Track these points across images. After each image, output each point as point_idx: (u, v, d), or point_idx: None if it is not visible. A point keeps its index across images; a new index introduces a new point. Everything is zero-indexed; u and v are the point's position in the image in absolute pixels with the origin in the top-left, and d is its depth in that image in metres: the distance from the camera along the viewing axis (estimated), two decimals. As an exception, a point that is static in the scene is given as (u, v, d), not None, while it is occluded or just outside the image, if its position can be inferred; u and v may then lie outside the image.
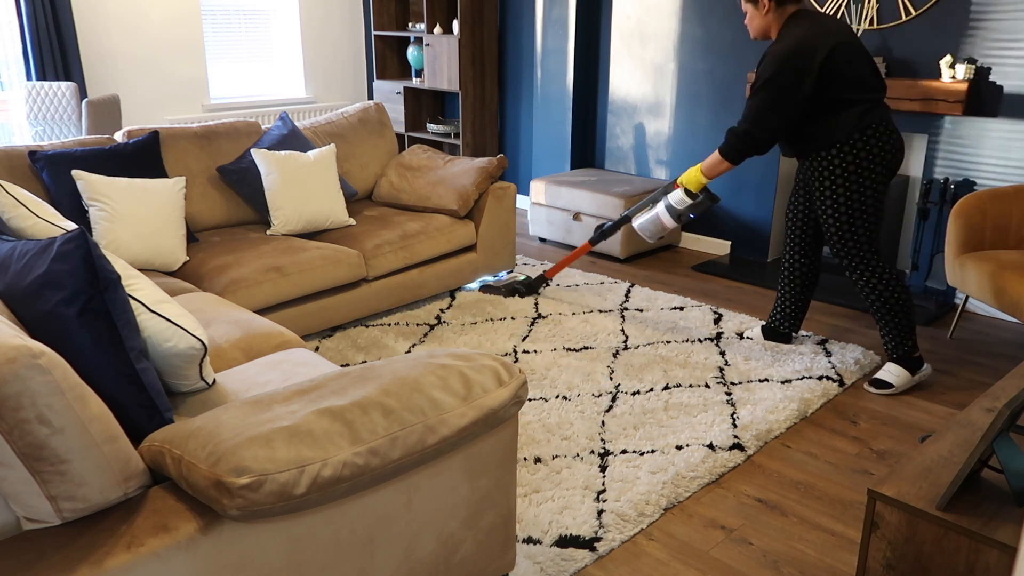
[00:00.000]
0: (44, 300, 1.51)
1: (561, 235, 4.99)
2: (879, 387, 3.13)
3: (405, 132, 6.30)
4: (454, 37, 5.67)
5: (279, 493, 1.35)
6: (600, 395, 3.06)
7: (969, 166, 3.88)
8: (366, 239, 3.68)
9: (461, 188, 4.03)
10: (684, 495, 2.46)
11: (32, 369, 1.23)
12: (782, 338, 3.53)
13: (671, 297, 4.09)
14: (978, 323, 3.86)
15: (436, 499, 1.70)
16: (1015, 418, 1.60)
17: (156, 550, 1.33)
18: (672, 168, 5.06)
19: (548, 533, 2.26)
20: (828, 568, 2.16)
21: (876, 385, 3.14)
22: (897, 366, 3.14)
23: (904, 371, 3.13)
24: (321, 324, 3.53)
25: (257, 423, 1.45)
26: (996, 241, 3.48)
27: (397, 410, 1.55)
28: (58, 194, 3.15)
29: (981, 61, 3.75)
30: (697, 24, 4.72)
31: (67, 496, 1.30)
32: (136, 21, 5.60)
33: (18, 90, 5.24)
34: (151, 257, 3.21)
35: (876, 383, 3.15)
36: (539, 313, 3.88)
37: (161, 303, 1.81)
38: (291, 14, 6.44)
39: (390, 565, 1.66)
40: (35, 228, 1.96)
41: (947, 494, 1.59)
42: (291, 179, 3.68)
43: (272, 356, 2.28)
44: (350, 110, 4.43)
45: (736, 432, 2.80)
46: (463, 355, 1.78)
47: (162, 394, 1.65)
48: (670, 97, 4.96)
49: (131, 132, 3.56)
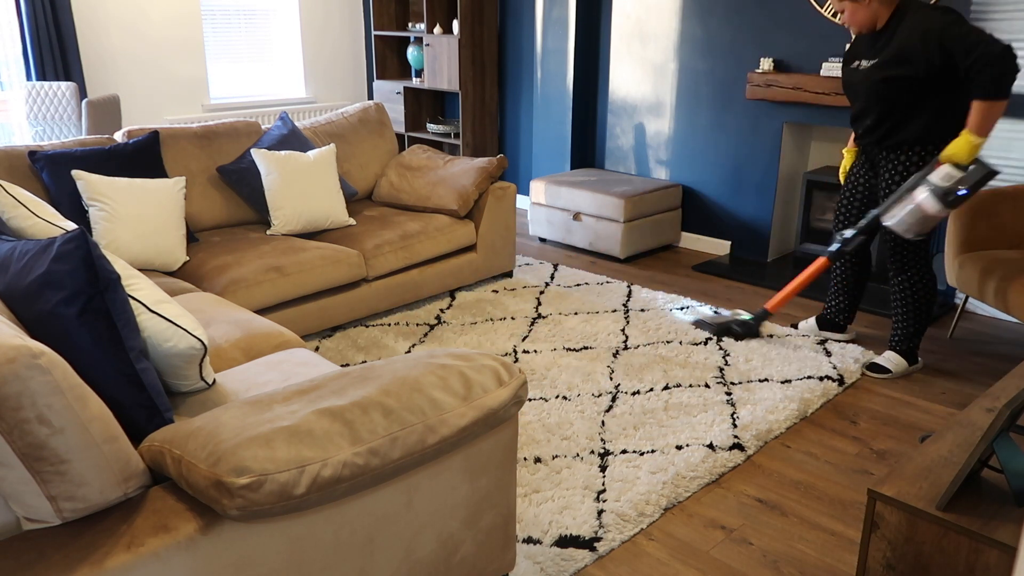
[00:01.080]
0: (44, 300, 1.51)
1: (561, 235, 4.99)
2: (876, 371, 3.22)
3: (405, 132, 6.30)
4: (454, 37, 5.67)
5: (279, 493, 1.35)
6: (600, 395, 3.06)
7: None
8: (366, 239, 3.69)
9: (461, 188, 4.03)
10: (684, 495, 2.46)
11: (32, 369, 1.23)
12: (838, 329, 3.61)
13: (671, 297, 4.09)
14: (978, 323, 3.86)
15: (436, 499, 1.70)
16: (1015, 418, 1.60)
17: (156, 550, 1.33)
18: (672, 168, 5.05)
19: (548, 533, 2.26)
20: (828, 568, 2.16)
21: (873, 369, 3.25)
22: (897, 355, 3.25)
23: (903, 360, 3.25)
24: (321, 324, 3.53)
25: (257, 423, 1.45)
26: (996, 241, 3.48)
27: (397, 410, 1.55)
28: (58, 194, 3.15)
29: (981, 61, 3.75)
30: (697, 24, 4.72)
31: (67, 496, 1.30)
32: (136, 21, 5.60)
33: (18, 90, 5.24)
34: (151, 257, 3.21)
35: (874, 367, 3.24)
36: (539, 313, 3.88)
37: (161, 303, 1.81)
38: (291, 14, 6.44)
39: (390, 565, 1.66)
40: (35, 228, 1.96)
41: (947, 494, 1.59)
42: (291, 179, 3.68)
43: (272, 356, 2.28)
44: (350, 110, 4.43)
45: (736, 432, 2.80)
46: (463, 355, 1.78)
47: (162, 394, 1.65)
48: (670, 97, 4.96)
49: (131, 132, 3.56)
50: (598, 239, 4.78)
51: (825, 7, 4.19)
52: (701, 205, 4.97)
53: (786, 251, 4.88)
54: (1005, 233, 3.48)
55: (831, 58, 4.08)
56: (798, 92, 4.22)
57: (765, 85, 4.34)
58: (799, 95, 4.23)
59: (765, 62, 4.38)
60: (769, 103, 4.52)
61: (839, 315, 3.57)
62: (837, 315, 3.57)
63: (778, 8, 4.37)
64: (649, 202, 4.75)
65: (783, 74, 4.28)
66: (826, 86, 4.11)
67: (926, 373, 3.32)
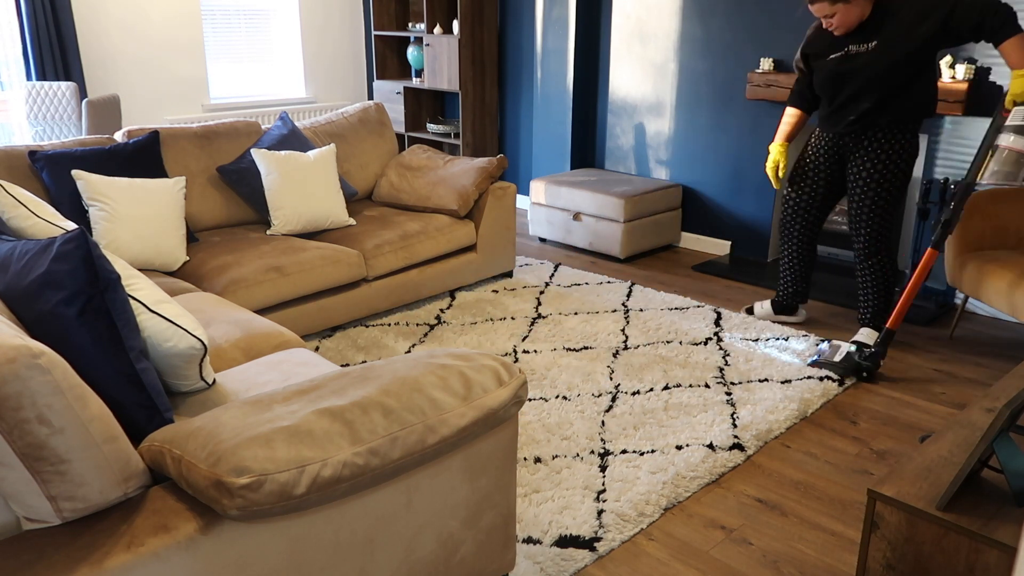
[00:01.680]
0: (44, 300, 1.51)
1: (561, 235, 4.99)
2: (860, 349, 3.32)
3: (405, 132, 6.30)
4: (454, 37, 5.67)
5: (279, 493, 1.35)
6: (600, 395, 3.06)
7: (969, 166, 3.88)
8: (366, 239, 3.69)
9: (461, 188, 4.03)
10: (684, 495, 2.46)
11: (32, 369, 1.23)
12: (791, 311, 3.81)
13: (671, 297, 4.09)
14: (978, 323, 3.86)
15: (436, 499, 1.70)
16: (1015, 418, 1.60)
17: (156, 550, 1.33)
18: (672, 168, 5.05)
19: (548, 533, 2.26)
20: (828, 568, 2.16)
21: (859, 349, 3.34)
22: (871, 330, 3.49)
23: (875, 332, 3.49)
24: (321, 324, 3.53)
25: (257, 423, 1.45)
26: (996, 241, 3.48)
27: (397, 410, 1.55)
28: (58, 194, 3.15)
29: (981, 61, 3.75)
30: (697, 24, 4.72)
31: (67, 496, 1.30)
32: (136, 21, 5.60)
33: (18, 90, 5.24)
34: (151, 257, 3.21)
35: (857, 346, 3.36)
36: (539, 313, 3.88)
37: (161, 303, 1.81)
38: (291, 14, 6.44)
39: (390, 565, 1.66)
40: (35, 228, 1.96)
41: (947, 494, 1.59)
42: (291, 179, 3.68)
43: (272, 356, 2.28)
44: (350, 110, 4.43)
45: (736, 432, 2.80)
46: (463, 355, 1.78)
47: (162, 394, 1.65)
48: (670, 97, 4.96)
49: (131, 132, 3.56)
50: (598, 239, 4.78)
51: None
52: (701, 205, 4.98)
53: (786, 251, 4.88)
54: (1005, 233, 3.48)
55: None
56: (798, 92, 4.22)
57: (765, 85, 4.34)
58: (799, 95, 4.23)
59: (765, 62, 4.38)
60: (769, 103, 4.52)
61: (792, 298, 3.76)
62: (790, 298, 3.76)
63: (778, 8, 4.37)
64: (649, 202, 4.75)
65: (783, 74, 4.28)
66: (826, 86, 4.11)
67: (926, 373, 3.32)
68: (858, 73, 3.15)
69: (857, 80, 3.17)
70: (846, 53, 3.18)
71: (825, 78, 3.27)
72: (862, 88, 3.17)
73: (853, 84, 3.19)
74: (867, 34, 3.12)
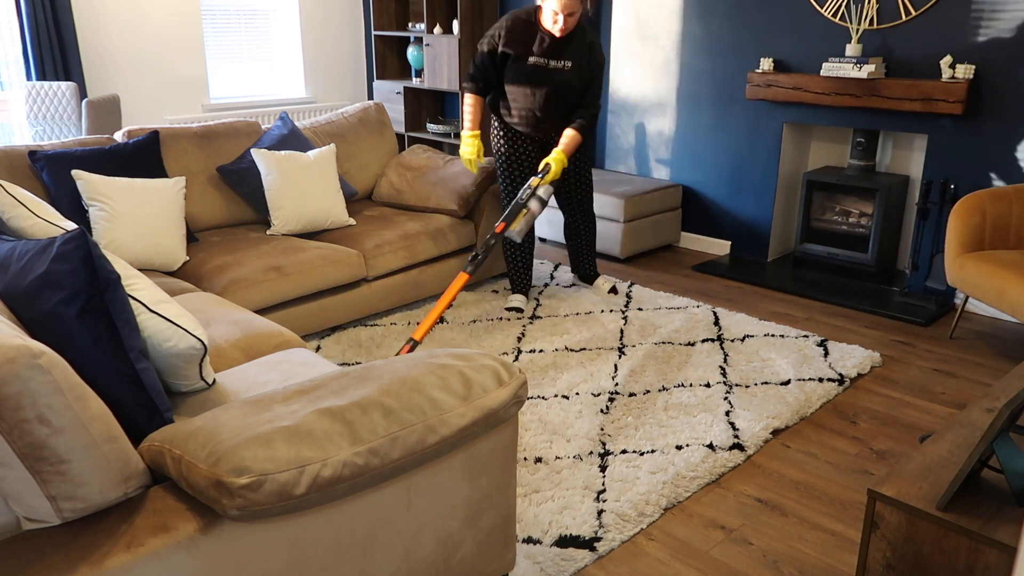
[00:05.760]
0: (44, 300, 1.51)
1: (561, 235, 4.99)
2: (614, 291, 4.07)
3: (405, 132, 6.30)
4: (454, 37, 5.67)
5: (279, 493, 1.35)
6: (600, 395, 3.06)
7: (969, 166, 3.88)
8: (366, 239, 3.68)
9: (461, 188, 4.03)
10: (684, 495, 2.46)
11: (32, 369, 1.23)
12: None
13: (671, 297, 4.10)
14: (978, 323, 3.86)
15: (436, 499, 1.70)
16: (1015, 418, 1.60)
17: (156, 550, 1.33)
18: (673, 168, 5.06)
19: (548, 533, 2.26)
20: (828, 568, 2.16)
21: (614, 291, 4.09)
22: (605, 277, 4.18)
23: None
24: (321, 324, 3.53)
25: (257, 423, 1.45)
26: (996, 241, 3.48)
27: (397, 410, 1.55)
28: (58, 194, 3.15)
29: (982, 62, 3.75)
30: (698, 24, 4.72)
31: (67, 496, 1.30)
32: (136, 21, 5.60)
33: (18, 90, 5.24)
34: (151, 257, 3.21)
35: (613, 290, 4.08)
36: (539, 313, 3.88)
37: (161, 303, 1.81)
38: (291, 14, 6.44)
39: (390, 565, 1.66)
40: (35, 228, 1.96)
41: (947, 494, 1.59)
42: (291, 179, 3.68)
43: (272, 356, 2.28)
44: (350, 110, 4.43)
45: (736, 432, 2.80)
46: (463, 355, 1.78)
47: (162, 394, 1.65)
48: (670, 97, 4.96)
49: (131, 132, 3.56)
50: (598, 239, 4.78)
51: (825, 7, 4.19)
52: (701, 205, 4.98)
53: (786, 251, 4.88)
54: (1005, 233, 3.48)
55: (831, 58, 4.08)
56: (798, 92, 4.23)
57: (765, 85, 4.34)
58: (799, 95, 4.23)
59: (765, 62, 4.38)
60: (769, 103, 4.52)
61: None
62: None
63: (778, 8, 4.37)
64: (649, 202, 4.75)
65: (783, 74, 4.28)
66: (826, 86, 4.11)
67: (926, 373, 3.32)
68: (554, 80, 3.61)
69: (552, 85, 3.62)
70: (547, 63, 3.60)
71: (528, 72, 3.63)
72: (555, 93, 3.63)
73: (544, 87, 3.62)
74: (565, 53, 3.59)
